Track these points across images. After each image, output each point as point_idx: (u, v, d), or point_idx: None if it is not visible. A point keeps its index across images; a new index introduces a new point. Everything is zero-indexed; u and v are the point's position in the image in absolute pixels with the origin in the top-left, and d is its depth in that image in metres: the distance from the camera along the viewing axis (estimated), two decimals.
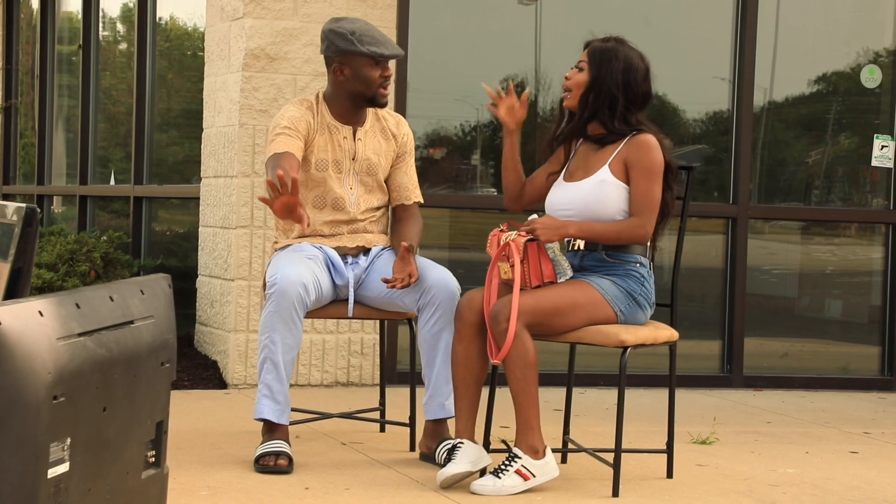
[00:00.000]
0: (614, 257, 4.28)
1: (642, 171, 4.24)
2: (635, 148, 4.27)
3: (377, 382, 6.18)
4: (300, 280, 4.35)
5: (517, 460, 4.13)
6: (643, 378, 6.58)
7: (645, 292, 4.27)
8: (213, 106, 6.55)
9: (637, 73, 4.31)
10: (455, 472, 4.15)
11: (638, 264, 4.27)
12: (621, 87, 4.29)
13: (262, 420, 4.42)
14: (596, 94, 4.30)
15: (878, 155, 7.13)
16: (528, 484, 4.13)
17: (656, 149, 4.27)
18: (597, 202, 4.27)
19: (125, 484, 2.59)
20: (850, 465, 4.89)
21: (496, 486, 4.10)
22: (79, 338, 2.34)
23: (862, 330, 7.33)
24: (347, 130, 4.67)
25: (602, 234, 4.25)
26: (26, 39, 10.33)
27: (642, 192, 4.24)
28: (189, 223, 7.33)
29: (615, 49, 4.33)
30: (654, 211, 4.25)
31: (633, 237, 4.24)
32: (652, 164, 4.25)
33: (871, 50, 7.25)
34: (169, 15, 8.01)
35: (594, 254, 4.30)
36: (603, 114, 4.31)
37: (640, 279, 4.26)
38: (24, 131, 10.38)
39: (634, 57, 4.34)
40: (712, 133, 7.19)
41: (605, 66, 4.30)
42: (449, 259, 6.67)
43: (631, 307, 4.24)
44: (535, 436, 4.15)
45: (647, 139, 4.27)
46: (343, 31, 4.59)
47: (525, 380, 4.13)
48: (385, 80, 4.62)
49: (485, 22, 6.93)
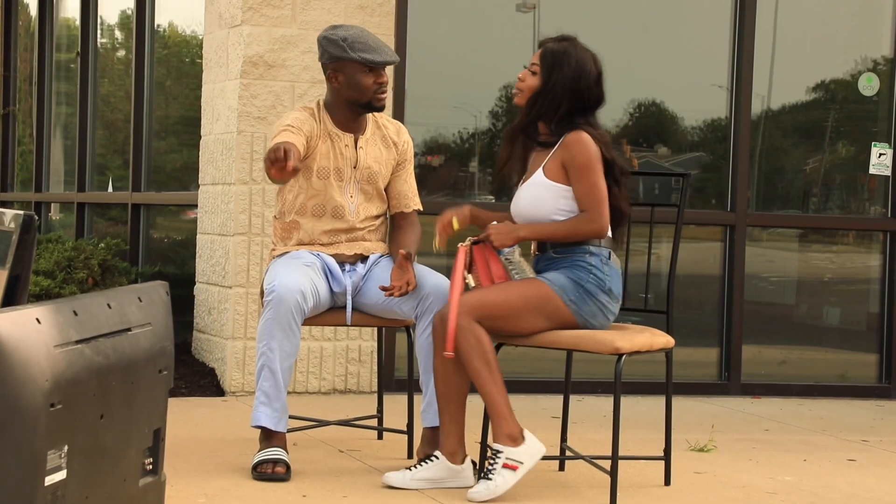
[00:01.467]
0: (561, 252, 4.28)
1: (578, 169, 4.23)
2: (566, 147, 4.25)
3: (375, 390, 6.18)
4: (298, 287, 4.35)
5: (500, 455, 4.14)
6: (641, 385, 6.57)
7: (595, 279, 4.23)
8: (211, 113, 6.55)
9: (588, 78, 4.29)
10: (396, 481, 4.21)
11: (586, 254, 4.25)
12: (569, 93, 4.27)
13: (260, 427, 4.42)
14: (544, 98, 4.30)
15: (876, 163, 7.13)
16: (519, 474, 4.13)
17: (586, 143, 4.23)
18: (532, 206, 4.30)
19: (123, 491, 2.59)
20: (848, 473, 4.89)
21: (490, 490, 4.11)
22: (76, 345, 2.34)
23: (860, 337, 7.33)
24: (349, 138, 4.67)
25: (554, 233, 4.27)
26: (24, 46, 10.33)
27: (585, 188, 4.23)
28: (186, 229, 7.33)
29: (566, 53, 4.30)
30: (601, 203, 4.23)
31: (587, 232, 4.24)
32: (585, 159, 4.22)
33: (868, 58, 7.26)
34: (167, 22, 8.02)
35: (545, 255, 4.33)
36: (548, 117, 4.31)
37: (588, 268, 4.24)
38: (22, 138, 10.38)
39: (587, 61, 4.30)
40: (710, 140, 7.19)
41: (557, 72, 4.28)
42: (446, 266, 6.65)
43: (580, 296, 4.22)
44: (509, 423, 4.15)
45: (576, 136, 4.24)
46: (335, 38, 4.60)
47: (486, 369, 4.14)
48: (380, 86, 4.61)
49: (483, 29, 6.93)
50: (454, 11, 6.88)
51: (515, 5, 6.87)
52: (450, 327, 4.12)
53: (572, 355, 4.61)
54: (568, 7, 6.91)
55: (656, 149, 7.20)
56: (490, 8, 6.92)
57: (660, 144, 7.23)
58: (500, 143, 4.55)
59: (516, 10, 6.88)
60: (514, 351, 4.54)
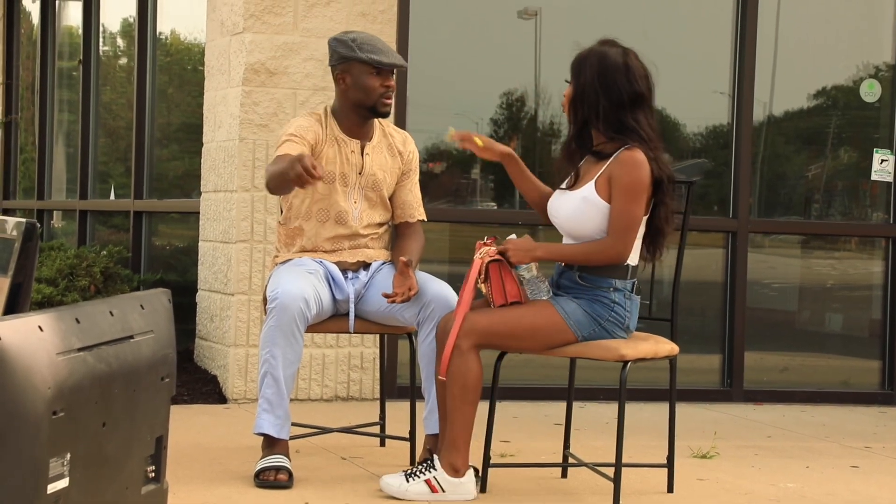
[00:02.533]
0: (587, 280, 4.20)
1: (621, 190, 4.14)
2: (618, 165, 4.17)
3: (377, 397, 6.17)
4: (301, 295, 4.35)
5: (432, 470, 4.15)
6: (643, 392, 6.57)
7: (615, 317, 4.19)
8: (213, 120, 6.56)
9: (616, 72, 4.20)
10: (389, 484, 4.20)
11: (612, 289, 4.18)
12: (600, 90, 4.20)
13: (262, 434, 4.42)
14: (581, 103, 4.25)
15: (878, 169, 7.13)
16: (434, 497, 4.14)
17: (639, 166, 4.15)
18: (576, 219, 4.23)
19: (125, 499, 2.58)
20: (850, 480, 4.88)
21: (400, 489, 4.15)
22: (78, 353, 2.34)
23: (862, 344, 7.33)
24: (355, 144, 4.68)
25: (572, 255, 4.21)
26: (27, 55, 10.34)
27: (618, 212, 4.15)
28: (189, 238, 7.33)
29: (590, 53, 4.26)
30: (629, 231, 4.16)
31: (605, 258, 4.16)
32: (632, 183, 4.14)
33: (870, 64, 7.26)
34: (169, 30, 8.03)
35: (569, 273, 4.25)
36: (593, 122, 4.24)
37: (610, 305, 4.18)
38: (25, 146, 10.39)
39: (612, 55, 4.23)
40: (712, 147, 7.19)
41: (583, 74, 4.24)
42: (448, 273, 6.66)
43: (596, 332, 4.18)
44: (458, 456, 4.14)
45: (631, 156, 4.16)
46: (345, 39, 4.64)
47: (461, 399, 4.13)
48: (386, 89, 4.62)
49: (484, 36, 6.94)
50: (456, 18, 6.88)
51: (517, 12, 6.88)
52: (446, 349, 4.11)
53: (576, 362, 4.61)
54: (569, 14, 6.91)
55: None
56: (491, 15, 6.92)
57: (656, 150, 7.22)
58: (560, 156, 4.48)
59: (518, 16, 6.89)
60: (517, 358, 4.54)
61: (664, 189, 4.22)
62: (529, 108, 7.00)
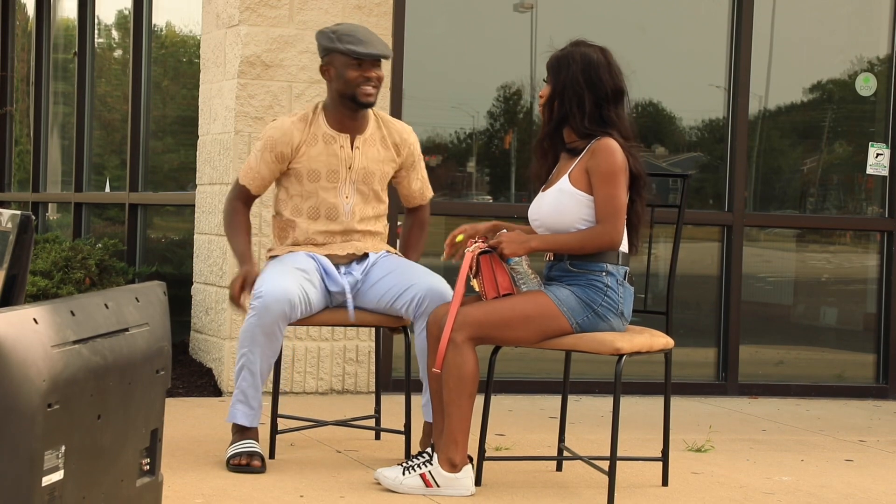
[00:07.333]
0: (579, 266, 4.22)
1: (601, 177, 4.17)
2: (593, 154, 4.20)
3: (372, 390, 6.17)
4: (286, 297, 4.37)
5: (428, 465, 4.15)
6: (638, 386, 6.58)
7: (609, 301, 4.19)
8: (208, 113, 6.55)
9: (599, 68, 4.25)
10: (385, 477, 4.20)
11: (603, 273, 4.20)
12: (585, 86, 4.24)
13: (236, 424, 4.52)
14: (560, 101, 4.27)
15: (873, 163, 7.14)
16: (428, 491, 4.14)
17: (614, 152, 4.18)
18: (555, 213, 4.24)
19: (120, 491, 2.58)
20: (845, 473, 4.89)
21: (395, 481, 4.15)
22: (73, 345, 2.34)
23: (857, 338, 7.34)
24: (344, 139, 4.67)
25: (565, 244, 4.21)
26: (22, 46, 10.32)
27: (603, 198, 4.17)
28: (184, 230, 7.33)
29: (570, 52, 4.29)
30: (617, 215, 4.18)
31: (599, 244, 4.18)
32: (610, 169, 4.17)
33: (865, 58, 7.26)
34: (164, 22, 8.01)
35: (560, 264, 4.26)
36: (573, 118, 4.26)
37: (603, 289, 4.18)
38: (20, 138, 10.37)
39: (592, 53, 4.28)
40: (707, 141, 7.19)
41: (564, 71, 4.26)
42: (444, 266, 6.67)
43: (590, 318, 4.18)
44: (456, 450, 4.14)
45: (604, 143, 4.20)
46: (327, 30, 4.67)
47: (458, 392, 4.12)
48: (366, 80, 4.60)
49: (480, 29, 6.93)
50: (452, 11, 6.88)
51: (513, 5, 6.87)
52: (442, 342, 4.10)
53: (571, 355, 4.61)
54: (565, 8, 6.91)
55: (654, 149, 7.20)
56: (487, 8, 6.92)
57: (657, 144, 7.23)
58: (531, 158, 4.50)
59: (514, 10, 6.88)
60: (512, 351, 4.54)
61: (638, 185, 4.26)
62: (525, 102, 7.00)
